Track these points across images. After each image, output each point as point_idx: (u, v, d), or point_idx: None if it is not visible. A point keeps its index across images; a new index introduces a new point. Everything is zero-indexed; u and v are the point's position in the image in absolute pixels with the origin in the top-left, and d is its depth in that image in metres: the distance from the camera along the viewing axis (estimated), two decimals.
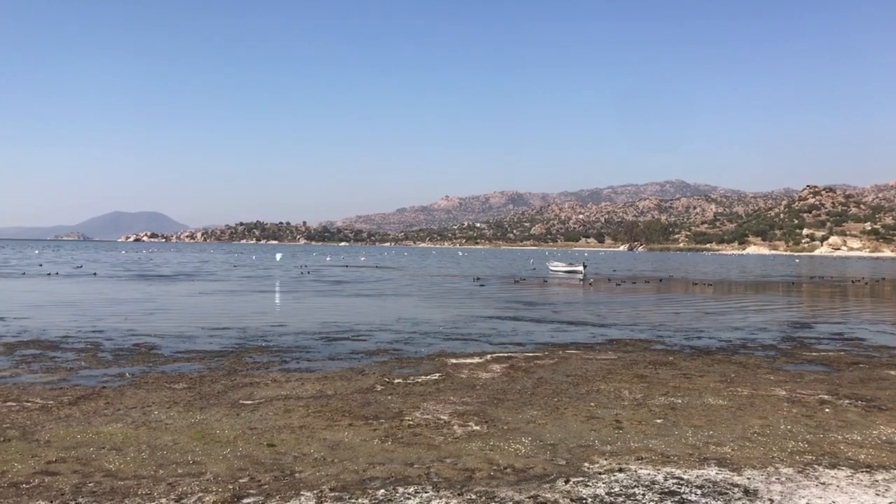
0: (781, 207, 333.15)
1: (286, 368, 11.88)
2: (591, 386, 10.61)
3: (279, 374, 11.25)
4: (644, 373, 11.77)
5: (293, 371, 11.61)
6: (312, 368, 11.93)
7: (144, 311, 21.40)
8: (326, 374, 11.39)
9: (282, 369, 11.78)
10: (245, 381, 10.70)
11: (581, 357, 13.47)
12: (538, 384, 10.70)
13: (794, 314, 24.35)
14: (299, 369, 11.81)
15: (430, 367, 12.07)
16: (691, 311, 24.85)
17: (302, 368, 11.90)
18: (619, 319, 21.43)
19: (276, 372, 11.49)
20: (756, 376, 11.64)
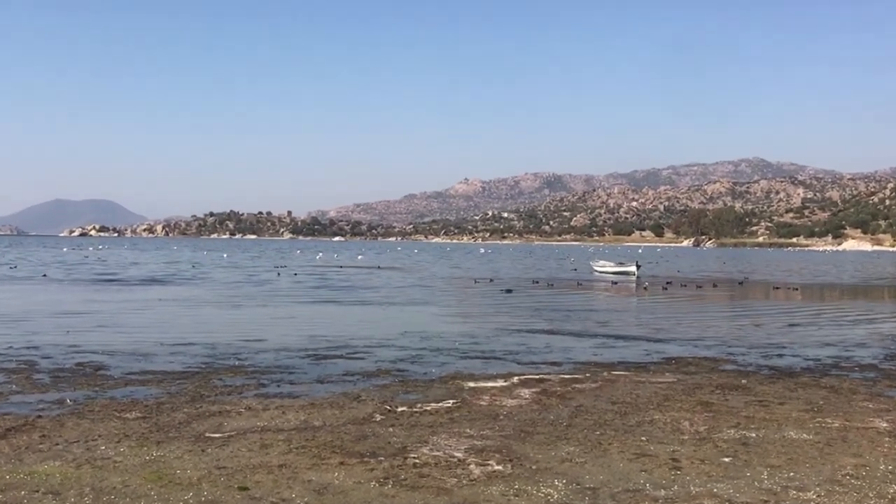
0: (888, 192, 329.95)
1: (264, 393, 11.96)
2: (643, 416, 10.58)
3: (255, 401, 11.32)
4: (710, 399, 11.73)
5: (272, 397, 11.69)
6: (296, 393, 11.99)
7: (91, 323, 21.63)
8: (313, 400, 11.45)
9: (258, 394, 11.86)
10: (213, 409, 10.78)
11: (631, 380, 13.44)
12: (576, 413, 10.68)
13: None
14: (280, 394, 11.89)
15: (443, 393, 12.10)
16: (771, 323, 24.68)
17: (283, 393, 11.98)
18: (681, 333, 21.33)
19: (252, 398, 11.57)
20: (850, 404, 11.56)
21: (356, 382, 13.00)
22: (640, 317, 26.41)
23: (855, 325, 24.14)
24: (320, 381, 13.15)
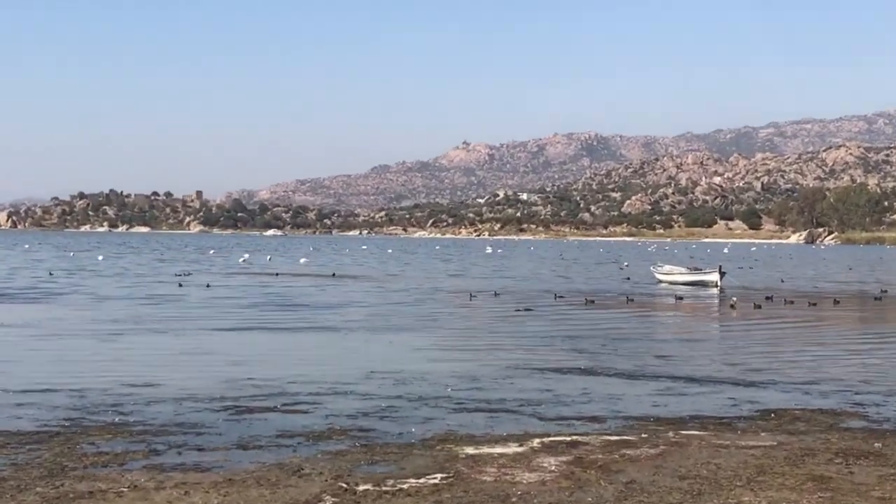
0: None
1: (157, 464, 11.96)
2: (726, 498, 10.60)
3: (144, 476, 11.32)
4: (826, 472, 11.76)
5: (170, 469, 11.70)
6: (206, 464, 11.99)
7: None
8: (232, 474, 11.45)
9: (149, 466, 11.86)
10: (80, 488, 10.77)
11: (709, 443, 13.47)
12: (626, 495, 10.70)
13: None
14: (182, 466, 11.88)
15: (426, 463, 12.11)
16: None
17: (187, 465, 11.98)
18: (784, 373, 21.36)
19: (140, 471, 11.58)
20: None
21: (297, 448, 13.00)
22: (724, 349, 26.44)
23: None
24: (243, 445, 13.15)
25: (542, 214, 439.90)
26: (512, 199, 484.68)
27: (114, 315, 34.89)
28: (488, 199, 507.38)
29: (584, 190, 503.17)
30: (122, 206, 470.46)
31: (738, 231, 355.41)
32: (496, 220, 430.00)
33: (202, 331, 29.65)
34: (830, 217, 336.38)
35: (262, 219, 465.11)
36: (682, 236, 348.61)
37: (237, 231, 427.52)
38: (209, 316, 34.93)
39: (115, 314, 35.29)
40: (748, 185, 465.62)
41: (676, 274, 62.85)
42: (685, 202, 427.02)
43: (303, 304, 40.87)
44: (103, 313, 35.65)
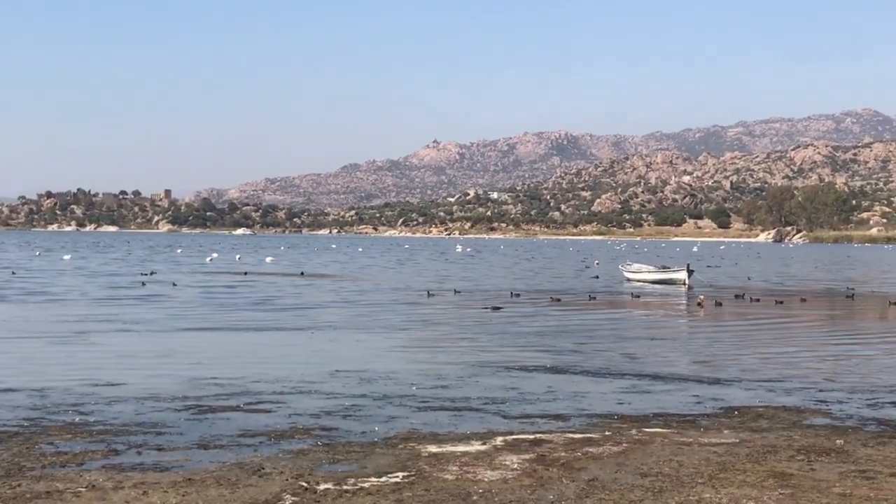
0: None
1: (117, 464, 11.88)
2: (688, 495, 10.62)
3: (103, 476, 11.24)
4: (788, 469, 11.81)
5: (129, 469, 11.62)
6: (166, 464, 11.92)
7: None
8: (192, 473, 11.38)
9: (109, 466, 11.78)
10: (37, 488, 10.69)
11: (672, 440, 13.51)
12: (589, 492, 10.71)
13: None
14: (141, 466, 11.81)
15: (388, 462, 12.08)
16: (885, 355, 24.94)
17: (146, 464, 11.90)
18: (748, 370, 21.47)
19: (98, 471, 11.49)
20: None
21: (258, 447, 12.94)
22: (690, 346, 26.54)
23: None
24: (203, 445, 13.08)
25: (513, 213, 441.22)
26: (482, 198, 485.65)
27: (77, 314, 34.66)
28: (459, 198, 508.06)
29: (555, 189, 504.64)
30: (90, 206, 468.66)
31: (707, 230, 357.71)
32: (467, 219, 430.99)
33: (166, 330, 29.49)
34: (799, 216, 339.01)
35: (231, 218, 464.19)
36: (652, 235, 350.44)
37: (206, 230, 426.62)
38: (174, 315, 34.73)
39: (78, 314, 35.06)
40: (717, 184, 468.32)
41: (645, 272, 63.09)
42: (655, 201, 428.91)
43: (270, 304, 40.73)
44: (67, 313, 35.39)
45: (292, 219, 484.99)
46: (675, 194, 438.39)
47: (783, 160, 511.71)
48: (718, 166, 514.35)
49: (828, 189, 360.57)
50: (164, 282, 55.25)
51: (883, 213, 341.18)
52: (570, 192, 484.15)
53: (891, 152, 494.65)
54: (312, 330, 29.89)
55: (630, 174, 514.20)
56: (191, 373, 19.91)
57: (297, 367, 21.06)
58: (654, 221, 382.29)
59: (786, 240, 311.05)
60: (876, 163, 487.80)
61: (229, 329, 30.21)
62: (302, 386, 18.34)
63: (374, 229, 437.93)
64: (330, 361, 22.03)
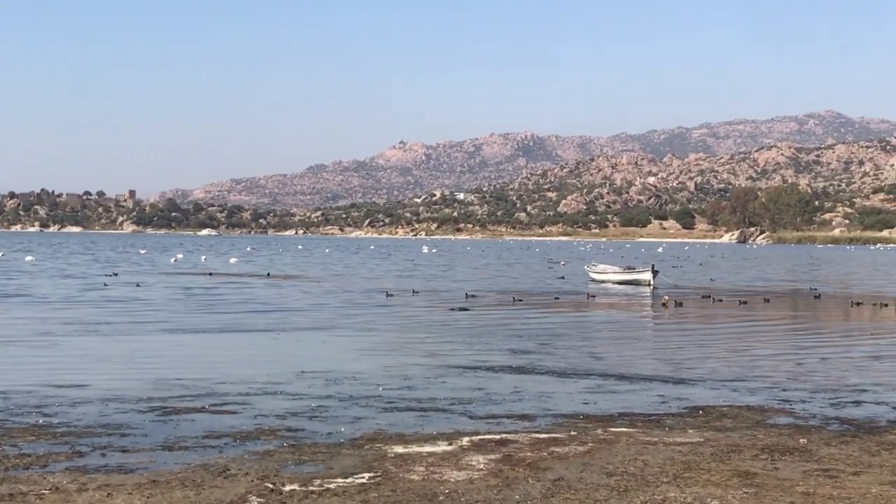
0: None
1: (81, 466, 11.81)
2: (653, 494, 10.66)
3: (66, 478, 11.17)
4: (751, 468, 11.88)
5: (94, 471, 11.55)
6: (131, 466, 11.85)
7: None
8: (157, 475, 11.33)
9: (72, 468, 11.70)
10: (1, 490, 10.61)
11: (637, 440, 13.56)
12: (554, 491, 10.73)
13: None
14: (106, 468, 11.73)
15: (355, 463, 12.07)
16: (847, 355, 25.13)
17: (111, 466, 11.83)
18: (713, 370, 21.59)
19: (62, 473, 11.42)
20: None
21: (223, 449, 12.90)
22: (655, 347, 26.68)
23: None
24: (168, 446, 13.01)
25: (479, 214, 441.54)
26: (449, 199, 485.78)
27: (40, 316, 34.42)
28: (425, 198, 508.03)
29: (521, 190, 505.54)
30: (54, 206, 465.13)
31: (672, 231, 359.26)
32: (433, 219, 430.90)
33: (130, 332, 29.31)
34: (762, 217, 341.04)
35: (196, 218, 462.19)
36: (617, 236, 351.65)
37: (171, 231, 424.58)
38: (137, 317, 34.54)
39: (41, 315, 34.80)
40: (682, 185, 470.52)
41: (610, 273, 63.32)
42: (620, 202, 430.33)
43: (235, 305, 40.58)
44: (29, 315, 35.14)
45: (258, 219, 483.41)
46: (641, 195, 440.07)
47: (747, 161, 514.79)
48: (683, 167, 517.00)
49: (791, 190, 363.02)
50: (128, 283, 54.92)
51: (845, 214, 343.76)
52: (535, 193, 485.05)
53: (853, 154, 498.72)
54: (278, 331, 29.81)
55: (595, 175, 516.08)
56: (155, 374, 19.80)
57: (263, 368, 20.98)
58: (620, 222, 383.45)
59: (749, 240, 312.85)
60: (838, 164, 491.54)
61: (194, 330, 30.06)
62: (267, 387, 18.28)
63: (340, 230, 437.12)
64: (296, 362, 21.97)
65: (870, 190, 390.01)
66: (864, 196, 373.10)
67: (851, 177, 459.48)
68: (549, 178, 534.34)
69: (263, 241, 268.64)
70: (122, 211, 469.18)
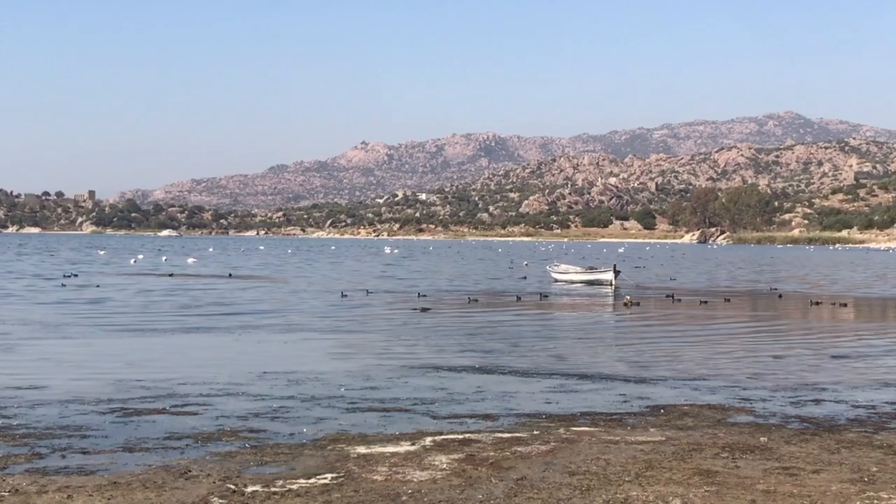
0: None
1: (40, 468, 11.72)
2: (615, 493, 10.69)
3: (26, 480, 11.09)
4: (713, 467, 11.94)
5: (53, 473, 11.47)
6: (91, 467, 11.77)
7: None
8: (117, 477, 11.26)
9: (32, 470, 11.62)
10: None
11: (599, 439, 13.60)
12: (517, 490, 10.74)
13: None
14: (66, 469, 11.65)
15: (317, 463, 12.04)
16: (807, 354, 25.32)
17: (71, 468, 11.74)
18: (674, 369, 21.70)
19: (21, 475, 11.34)
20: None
21: (185, 450, 12.83)
22: (617, 346, 26.72)
23: None
24: (129, 448, 12.94)
25: (441, 215, 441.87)
26: (411, 200, 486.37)
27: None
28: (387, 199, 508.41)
29: (483, 190, 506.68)
30: (12, 207, 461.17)
31: (633, 231, 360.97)
32: (395, 220, 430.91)
33: (90, 333, 29.08)
34: (722, 217, 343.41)
35: (156, 219, 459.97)
36: (579, 236, 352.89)
37: (131, 231, 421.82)
38: (97, 318, 34.28)
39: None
40: (643, 185, 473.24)
41: (572, 273, 63.49)
42: (582, 202, 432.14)
43: (196, 305, 40.35)
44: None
45: (219, 220, 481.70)
46: (602, 196, 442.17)
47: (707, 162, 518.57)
48: (644, 168, 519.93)
49: (751, 191, 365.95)
50: (87, 284, 54.53)
51: (804, 215, 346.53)
52: (498, 194, 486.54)
53: (812, 154, 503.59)
54: (239, 332, 29.69)
55: (557, 176, 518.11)
56: (116, 375, 19.67)
57: (224, 369, 20.89)
58: (581, 223, 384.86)
59: (710, 241, 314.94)
60: (798, 165, 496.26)
61: (155, 331, 29.86)
62: (229, 388, 18.20)
63: (301, 231, 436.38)
64: (257, 363, 21.88)
65: (828, 190, 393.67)
66: (822, 196, 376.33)
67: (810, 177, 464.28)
68: (512, 178, 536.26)
69: (225, 241, 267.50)
70: (82, 211, 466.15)
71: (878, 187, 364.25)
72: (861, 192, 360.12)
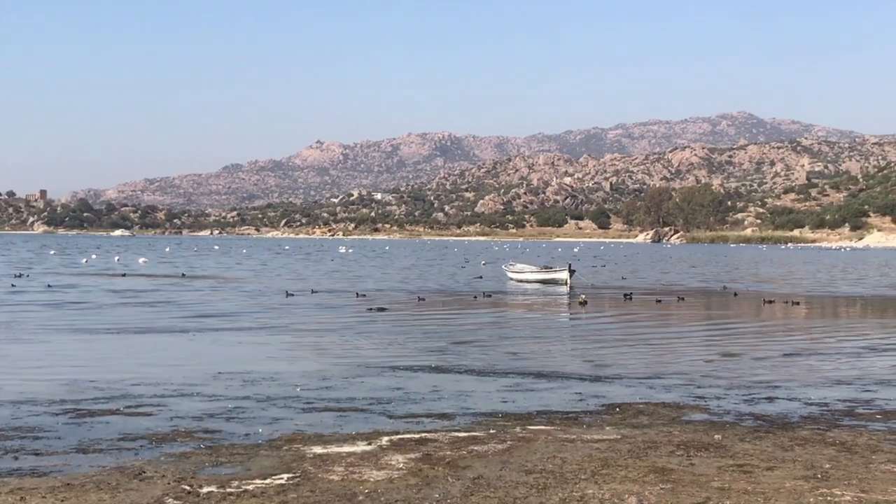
0: None
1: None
2: (571, 491, 10.74)
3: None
4: (668, 464, 12.03)
5: (6, 475, 11.38)
6: (44, 469, 11.69)
7: None
8: (71, 478, 11.19)
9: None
10: None
11: (555, 438, 13.65)
12: (473, 489, 10.77)
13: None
14: (18, 471, 11.57)
15: (273, 463, 12.01)
16: (760, 352, 25.53)
17: (23, 470, 11.66)
18: (629, 367, 21.81)
19: None
20: (868, 468, 12.06)
21: (139, 451, 12.76)
22: (572, 345, 26.84)
23: (879, 355, 25.23)
24: (83, 449, 12.85)
25: (397, 214, 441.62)
26: (366, 199, 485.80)
27: None
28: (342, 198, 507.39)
29: (438, 190, 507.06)
30: None
31: (588, 230, 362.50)
32: (350, 220, 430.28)
33: (41, 333, 28.76)
34: (676, 216, 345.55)
35: (109, 219, 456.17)
36: (535, 236, 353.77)
37: (83, 231, 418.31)
38: (49, 318, 33.94)
39: None
40: (597, 185, 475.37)
41: (528, 272, 63.62)
42: (537, 202, 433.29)
43: (150, 305, 40.06)
44: None
45: (172, 220, 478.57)
46: (557, 195, 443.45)
47: (661, 162, 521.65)
48: (599, 168, 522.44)
49: (704, 190, 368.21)
50: (38, 284, 53.99)
51: (757, 214, 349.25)
52: (453, 193, 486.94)
53: (765, 154, 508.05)
54: (193, 332, 29.51)
55: (513, 175, 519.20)
56: (69, 376, 19.50)
57: (179, 369, 20.78)
58: (537, 222, 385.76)
59: (664, 240, 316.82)
60: (750, 165, 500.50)
61: (108, 331, 29.60)
62: (183, 388, 18.11)
63: (256, 230, 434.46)
64: (212, 363, 21.78)
65: (781, 190, 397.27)
66: (775, 196, 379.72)
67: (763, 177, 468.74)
68: (467, 178, 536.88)
69: (179, 241, 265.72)
70: (33, 211, 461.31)
71: (829, 187, 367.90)
72: (813, 192, 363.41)
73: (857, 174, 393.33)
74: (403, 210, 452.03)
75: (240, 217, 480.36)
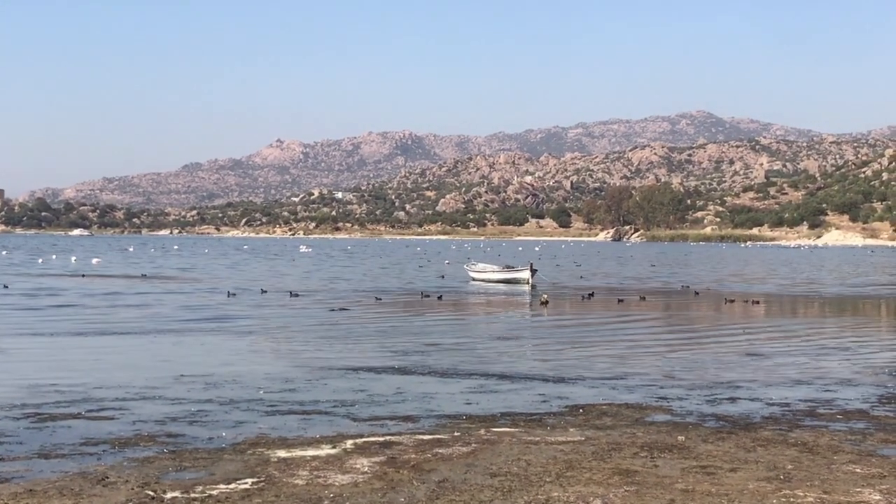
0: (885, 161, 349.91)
1: None
2: (536, 493, 10.78)
3: None
4: (632, 466, 12.09)
5: None
6: (6, 475, 11.61)
7: None
8: (33, 484, 11.12)
9: None
10: None
11: (519, 440, 13.68)
12: (438, 493, 10.79)
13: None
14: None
15: (237, 468, 11.98)
16: (722, 351, 25.68)
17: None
18: (592, 368, 21.86)
19: None
20: (830, 468, 12.17)
21: (102, 456, 12.68)
22: (535, 345, 26.92)
23: (839, 354, 25.37)
24: (44, 454, 12.76)
25: (358, 213, 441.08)
26: (327, 198, 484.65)
27: None
28: (303, 197, 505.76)
29: (399, 189, 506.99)
30: None
31: (549, 229, 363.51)
32: (311, 219, 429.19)
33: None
34: (636, 215, 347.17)
35: (67, 218, 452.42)
36: (496, 235, 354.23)
37: (42, 231, 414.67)
38: (5, 320, 33.63)
39: None
40: (558, 183, 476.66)
41: (490, 272, 63.71)
42: (498, 201, 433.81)
43: (110, 307, 39.78)
44: None
45: (131, 219, 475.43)
46: (518, 194, 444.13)
47: (621, 161, 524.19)
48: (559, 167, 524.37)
49: (664, 189, 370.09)
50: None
51: (717, 213, 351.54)
52: (414, 192, 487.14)
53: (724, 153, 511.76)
54: (155, 334, 29.33)
55: (474, 174, 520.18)
56: (28, 379, 19.33)
57: (141, 372, 20.64)
58: (498, 221, 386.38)
59: (624, 238, 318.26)
60: (710, 163, 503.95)
61: (67, 334, 29.34)
62: (146, 392, 18.00)
63: (216, 230, 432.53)
64: (174, 366, 21.64)
65: (740, 188, 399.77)
66: (734, 195, 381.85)
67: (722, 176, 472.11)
68: (428, 177, 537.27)
69: (138, 240, 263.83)
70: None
71: (787, 185, 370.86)
72: (771, 191, 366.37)
73: (815, 173, 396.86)
74: (364, 209, 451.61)
75: (200, 216, 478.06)
